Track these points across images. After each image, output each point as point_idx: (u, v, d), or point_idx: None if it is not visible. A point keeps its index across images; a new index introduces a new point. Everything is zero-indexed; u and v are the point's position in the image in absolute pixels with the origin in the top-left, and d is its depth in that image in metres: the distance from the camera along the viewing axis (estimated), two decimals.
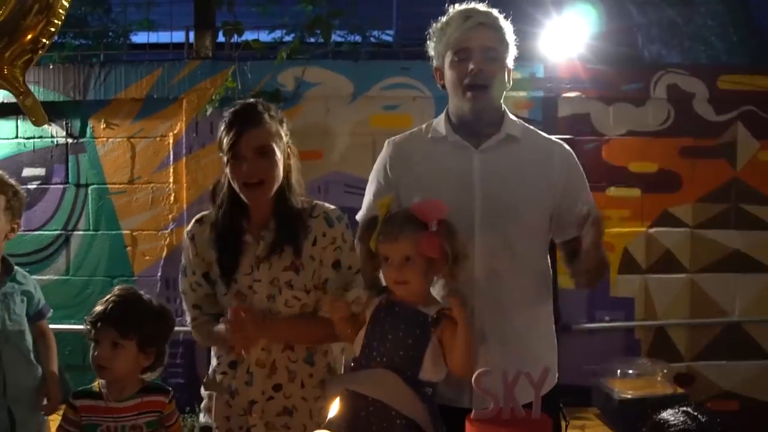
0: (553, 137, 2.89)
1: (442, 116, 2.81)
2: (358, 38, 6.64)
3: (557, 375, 2.81)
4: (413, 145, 2.84)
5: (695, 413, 2.34)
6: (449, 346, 2.49)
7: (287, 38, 5.64)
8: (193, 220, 2.86)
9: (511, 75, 2.78)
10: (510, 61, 2.76)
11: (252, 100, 2.85)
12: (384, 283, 2.64)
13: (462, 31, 2.69)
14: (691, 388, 4.95)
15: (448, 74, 2.74)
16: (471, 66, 2.68)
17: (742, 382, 5.20)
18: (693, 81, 5.12)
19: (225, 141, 2.68)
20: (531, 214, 2.74)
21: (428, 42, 2.80)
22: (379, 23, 7.07)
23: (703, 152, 5.16)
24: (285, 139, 2.77)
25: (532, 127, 2.88)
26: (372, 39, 6.57)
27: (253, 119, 2.70)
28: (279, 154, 2.72)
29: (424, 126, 2.88)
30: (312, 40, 5.44)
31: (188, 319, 2.89)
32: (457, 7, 2.78)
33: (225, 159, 2.70)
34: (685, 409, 2.34)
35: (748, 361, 5.21)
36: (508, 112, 2.81)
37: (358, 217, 2.87)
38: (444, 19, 2.76)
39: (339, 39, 6.15)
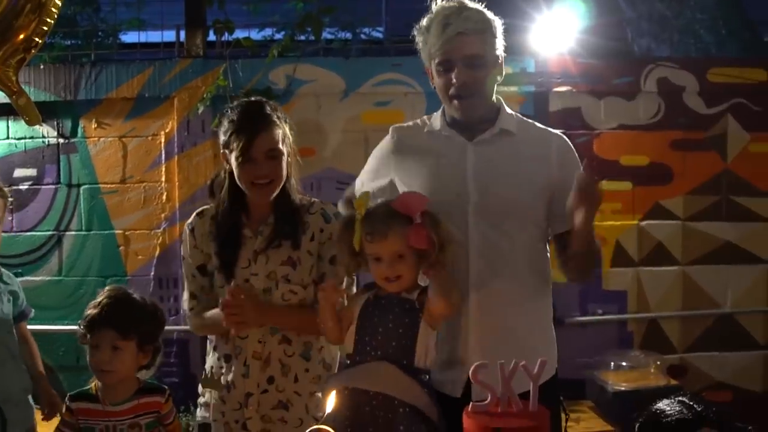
0: (551, 129, 2.88)
1: (440, 111, 2.83)
2: (348, 35, 6.65)
3: (556, 367, 2.83)
4: (413, 137, 2.87)
5: (691, 402, 2.36)
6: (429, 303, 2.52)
7: (278, 36, 5.65)
8: (194, 213, 2.96)
9: (502, 67, 2.76)
10: (499, 53, 2.73)
11: (259, 99, 2.92)
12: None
13: (442, 41, 2.66)
14: (684, 379, 4.97)
15: (435, 81, 2.75)
16: (453, 79, 2.67)
17: (735, 373, 5.22)
18: (683, 74, 5.13)
19: (235, 143, 2.74)
20: (525, 207, 2.75)
21: (416, 40, 2.79)
22: (368, 20, 7.08)
23: (694, 145, 5.17)
24: (290, 139, 2.83)
25: (529, 120, 2.88)
26: (362, 36, 6.57)
27: (265, 122, 2.77)
28: (285, 155, 2.78)
29: (425, 117, 2.90)
30: (303, 37, 5.45)
31: (185, 306, 2.97)
32: (440, 2, 2.74)
33: (234, 159, 2.75)
34: (680, 398, 2.36)
35: (740, 351, 5.22)
36: (504, 106, 2.81)
37: (346, 193, 2.95)
38: (425, 21, 2.73)
39: (329, 36, 6.15)
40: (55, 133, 5.03)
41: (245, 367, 2.84)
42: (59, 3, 3.06)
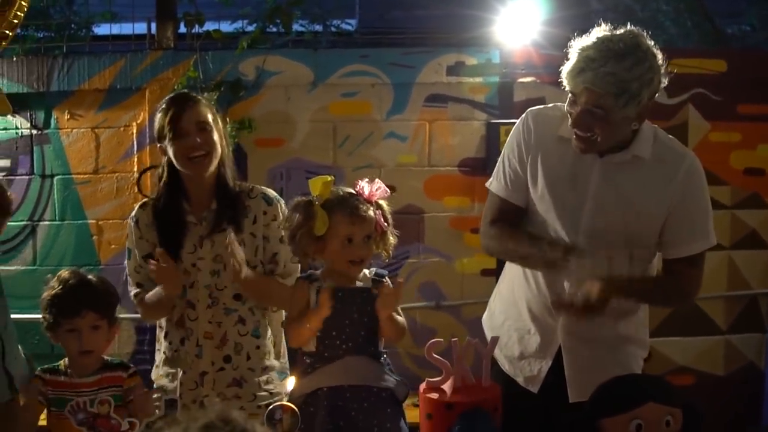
0: (685, 150, 2.83)
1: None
2: (319, 27, 6.72)
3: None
4: (546, 130, 2.81)
5: (639, 380, 2.49)
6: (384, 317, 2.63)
7: (249, 28, 5.72)
8: (137, 206, 3.10)
9: (642, 110, 2.62)
10: (640, 98, 2.55)
11: (185, 91, 3.04)
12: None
13: (573, 84, 2.58)
14: (647, 363, 5.07)
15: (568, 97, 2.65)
16: (575, 131, 2.62)
17: (696, 357, 5.34)
18: None
19: (166, 122, 2.87)
20: (638, 241, 2.77)
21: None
22: (341, 12, 7.15)
23: None
24: (221, 126, 2.95)
25: (666, 139, 2.81)
26: (332, 28, 6.64)
27: (190, 100, 2.93)
28: (217, 132, 2.92)
29: (561, 113, 2.76)
30: (273, 29, 5.52)
31: (132, 297, 3.09)
32: (581, 42, 2.59)
33: (166, 141, 2.89)
34: (632, 376, 2.48)
35: (702, 336, 5.34)
36: (644, 129, 2.71)
37: (488, 185, 2.93)
38: (574, 44, 2.61)
39: (300, 29, 6.23)
40: (29, 124, 5.08)
41: (198, 347, 2.99)
42: None
